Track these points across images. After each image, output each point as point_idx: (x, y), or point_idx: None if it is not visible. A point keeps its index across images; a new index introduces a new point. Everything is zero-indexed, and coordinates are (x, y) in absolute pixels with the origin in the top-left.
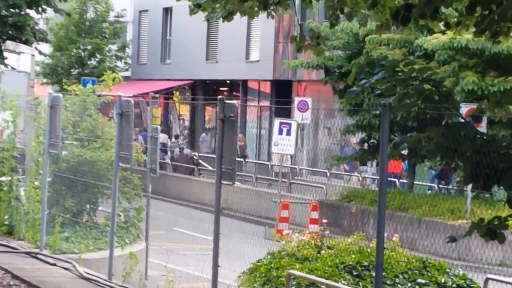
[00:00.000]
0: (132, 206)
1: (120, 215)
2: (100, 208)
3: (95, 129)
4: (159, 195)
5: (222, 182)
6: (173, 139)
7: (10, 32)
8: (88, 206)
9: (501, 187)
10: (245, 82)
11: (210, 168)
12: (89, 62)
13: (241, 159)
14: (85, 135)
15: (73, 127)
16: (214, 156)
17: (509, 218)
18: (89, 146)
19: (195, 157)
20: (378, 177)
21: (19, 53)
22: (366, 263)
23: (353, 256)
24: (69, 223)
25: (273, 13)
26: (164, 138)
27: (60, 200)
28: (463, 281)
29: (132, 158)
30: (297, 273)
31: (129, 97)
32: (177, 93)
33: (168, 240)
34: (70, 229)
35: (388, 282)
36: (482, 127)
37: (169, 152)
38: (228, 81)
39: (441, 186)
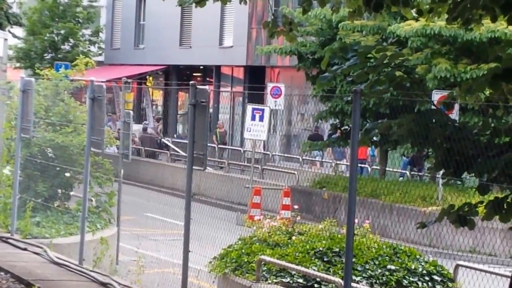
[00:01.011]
0: (103, 191)
1: (91, 200)
2: (71, 193)
3: (67, 113)
4: (131, 180)
5: (194, 167)
6: (156, 123)
7: None
8: (59, 191)
9: (472, 174)
10: (218, 67)
11: (181, 152)
12: (62, 47)
13: (221, 146)
14: (57, 119)
15: (45, 112)
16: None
17: (479, 205)
18: (61, 130)
19: (163, 139)
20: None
21: None
22: (337, 249)
23: (324, 242)
24: (41, 208)
25: None
26: None
27: (31, 184)
28: (433, 267)
29: (104, 143)
30: (268, 258)
31: (102, 82)
32: (150, 78)
33: (139, 226)
34: (41, 214)
35: (359, 268)
36: (454, 114)
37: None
38: (201, 67)
39: (413, 173)
